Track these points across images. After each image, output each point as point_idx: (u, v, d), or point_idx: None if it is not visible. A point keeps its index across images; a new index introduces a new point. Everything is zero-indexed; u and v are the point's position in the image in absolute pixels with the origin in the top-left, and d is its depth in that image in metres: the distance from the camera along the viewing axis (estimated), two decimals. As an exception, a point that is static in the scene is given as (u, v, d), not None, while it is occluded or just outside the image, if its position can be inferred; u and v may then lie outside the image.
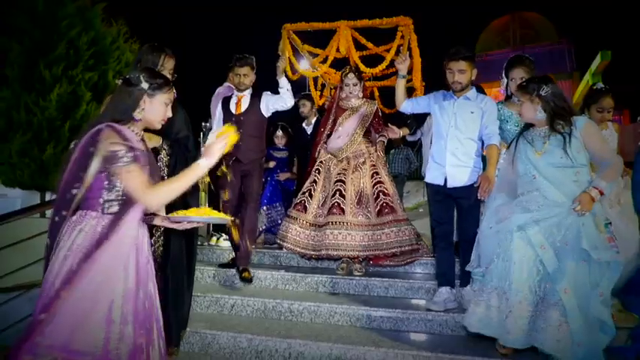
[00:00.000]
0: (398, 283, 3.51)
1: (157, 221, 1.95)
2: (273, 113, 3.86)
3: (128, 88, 1.88)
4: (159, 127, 1.99)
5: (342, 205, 3.69)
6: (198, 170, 1.83)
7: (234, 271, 3.71)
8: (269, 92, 3.78)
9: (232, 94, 3.88)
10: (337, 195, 3.72)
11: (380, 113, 3.93)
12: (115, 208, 1.79)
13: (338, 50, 3.85)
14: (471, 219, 3.08)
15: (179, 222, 1.91)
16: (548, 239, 2.37)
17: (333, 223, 3.64)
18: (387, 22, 3.67)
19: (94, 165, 1.73)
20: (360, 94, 4.01)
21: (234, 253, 3.85)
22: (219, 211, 2.13)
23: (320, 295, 3.50)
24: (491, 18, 14.82)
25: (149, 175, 1.81)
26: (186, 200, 2.38)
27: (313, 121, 4.93)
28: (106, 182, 1.78)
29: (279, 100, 3.72)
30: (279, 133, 5.17)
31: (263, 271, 3.81)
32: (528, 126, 2.63)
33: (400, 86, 3.42)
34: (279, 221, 4.63)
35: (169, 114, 2.01)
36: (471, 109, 3.15)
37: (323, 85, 4.80)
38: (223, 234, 4.84)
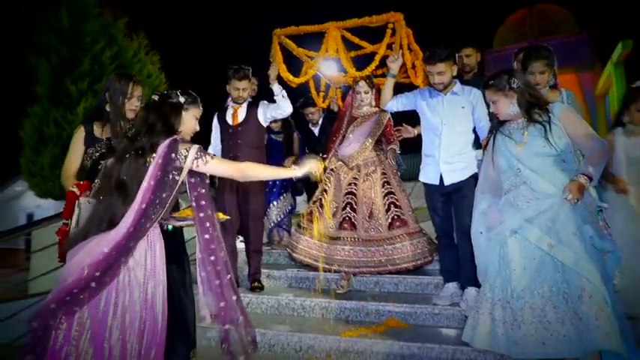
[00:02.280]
0: (407, 279, 3.61)
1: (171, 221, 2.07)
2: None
3: (170, 103, 2.00)
4: (188, 139, 2.11)
5: (353, 220, 3.63)
6: (288, 172, 2.28)
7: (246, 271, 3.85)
8: (266, 101, 3.76)
9: (228, 105, 3.83)
10: (348, 208, 3.67)
11: (392, 122, 3.88)
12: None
13: (328, 52, 3.87)
14: (466, 209, 2.98)
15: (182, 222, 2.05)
16: (548, 234, 2.25)
17: (344, 238, 3.60)
18: (377, 20, 3.57)
19: (185, 170, 1.90)
20: (373, 102, 3.92)
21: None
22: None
23: (332, 291, 3.62)
24: (507, 12, 14.62)
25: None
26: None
27: (320, 121, 4.95)
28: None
29: (277, 109, 3.69)
30: None
31: (277, 270, 3.98)
32: (502, 122, 2.54)
33: (389, 85, 3.40)
34: (288, 209, 4.91)
35: (197, 128, 2.17)
36: (461, 104, 3.14)
37: (327, 86, 4.85)
38: (239, 235, 5.00)
